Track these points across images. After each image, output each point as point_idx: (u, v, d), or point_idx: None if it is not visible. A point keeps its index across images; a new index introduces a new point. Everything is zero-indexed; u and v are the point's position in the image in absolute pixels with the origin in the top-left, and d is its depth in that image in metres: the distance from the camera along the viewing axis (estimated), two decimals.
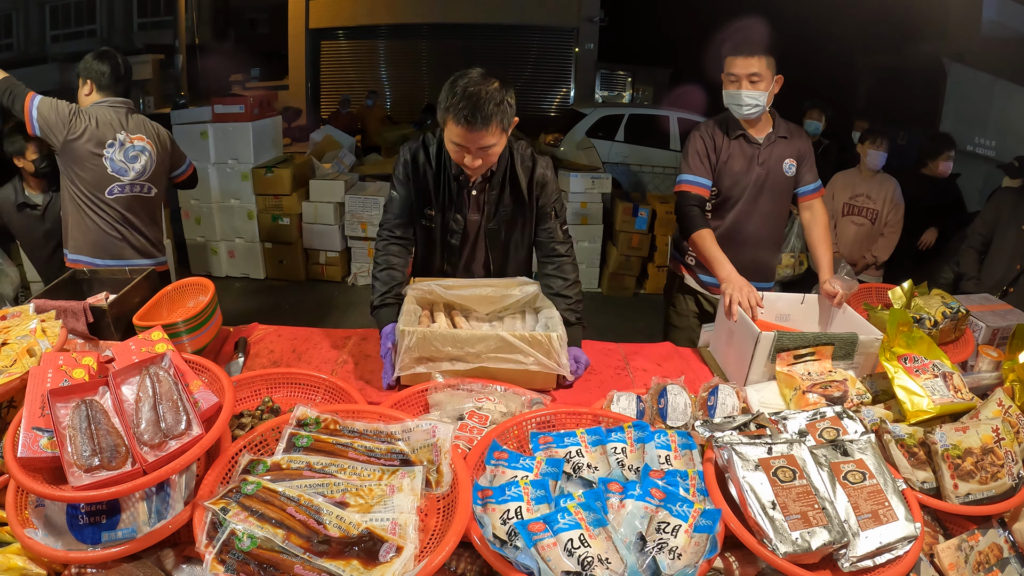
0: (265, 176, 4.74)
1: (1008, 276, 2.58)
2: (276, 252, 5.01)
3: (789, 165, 2.14)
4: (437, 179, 1.72)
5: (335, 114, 8.18)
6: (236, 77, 10.41)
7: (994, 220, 2.71)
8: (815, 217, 2.17)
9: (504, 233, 1.81)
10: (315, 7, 10.24)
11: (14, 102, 2.17)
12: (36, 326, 1.32)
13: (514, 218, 1.79)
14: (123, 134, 2.26)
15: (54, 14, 9.11)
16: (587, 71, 10.27)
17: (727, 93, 2.08)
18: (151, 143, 2.34)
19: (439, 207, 1.75)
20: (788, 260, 3.42)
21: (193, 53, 9.77)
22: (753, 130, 2.13)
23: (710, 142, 2.14)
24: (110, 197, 2.27)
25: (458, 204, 1.75)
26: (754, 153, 2.12)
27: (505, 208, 1.77)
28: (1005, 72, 5.65)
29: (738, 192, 2.15)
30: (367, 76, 10.65)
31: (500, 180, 1.73)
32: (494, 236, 1.81)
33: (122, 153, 2.27)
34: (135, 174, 2.30)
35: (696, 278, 2.31)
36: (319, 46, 10.63)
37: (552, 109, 10.25)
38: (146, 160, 2.33)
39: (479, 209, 1.77)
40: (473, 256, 1.88)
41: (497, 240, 1.82)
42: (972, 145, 5.84)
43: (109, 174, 2.25)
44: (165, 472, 0.95)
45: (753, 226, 2.18)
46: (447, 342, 1.48)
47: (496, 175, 1.72)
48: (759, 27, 2.13)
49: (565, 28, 10.05)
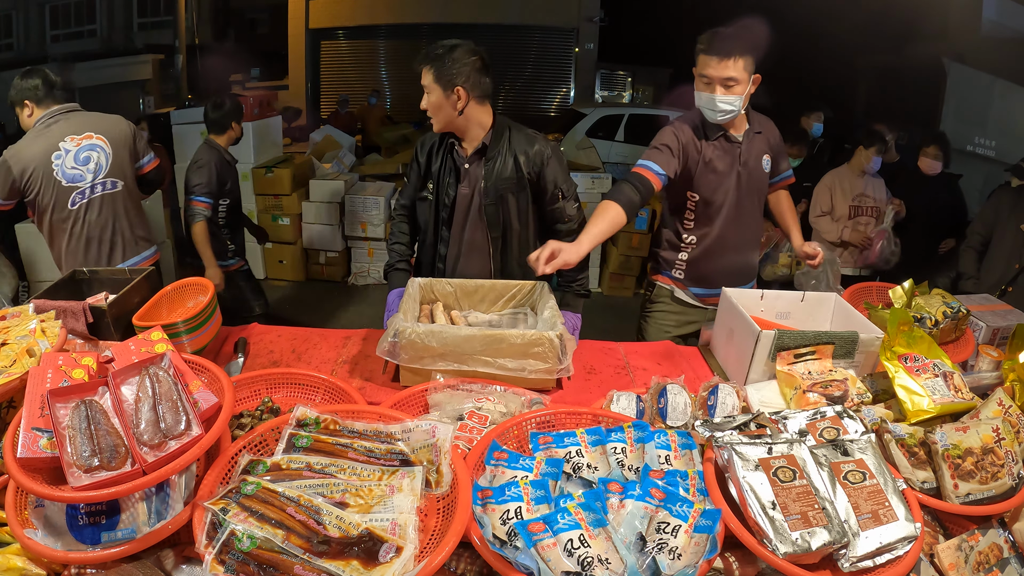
0: (265, 176, 4.74)
1: (1007, 275, 2.58)
2: (276, 252, 5.01)
3: (766, 161, 2.04)
4: (438, 154, 1.89)
5: (335, 114, 8.18)
6: (236, 77, 10.41)
7: (993, 219, 2.71)
8: (780, 197, 2.20)
9: (500, 213, 1.86)
10: (315, 7, 10.25)
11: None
12: (36, 326, 1.32)
13: (511, 193, 1.85)
14: (68, 140, 2.18)
15: (54, 14, 9.12)
16: (587, 71, 10.27)
17: (700, 95, 1.90)
18: (102, 138, 2.26)
19: (436, 181, 1.90)
20: (785, 260, 3.41)
21: (193, 53, 9.77)
22: (733, 129, 1.98)
23: (685, 142, 1.94)
24: (75, 208, 2.20)
25: (450, 176, 1.88)
26: (736, 152, 1.98)
27: (501, 182, 1.83)
28: (1005, 72, 5.65)
29: (721, 196, 2.01)
30: (367, 76, 10.66)
31: (495, 153, 1.84)
32: (492, 214, 1.87)
33: (72, 158, 2.19)
34: (91, 175, 2.23)
35: (686, 291, 2.17)
36: (319, 46, 10.64)
37: (552, 109, 10.25)
38: (98, 157, 2.24)
39: (471, 183, 1.87)
40: (471, 238, 1.91)
41: (495, 220, 1.88)
42: (972, 145, 5.84)
43: (65, 186, 2.18)
44: (165, 472, 0.95)
45: (739, 230, 2.08)
46: (444, 341, 1.47)
47: (490, 148, 1.84)
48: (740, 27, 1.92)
49: (565, 28, 10.05)
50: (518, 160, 1.83)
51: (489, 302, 1.81)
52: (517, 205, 1.87)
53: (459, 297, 1.81)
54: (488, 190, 1.84)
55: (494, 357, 1.47)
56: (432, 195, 1.90)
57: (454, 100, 1.76)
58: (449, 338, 1.47)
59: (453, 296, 1.81)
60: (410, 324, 1.48)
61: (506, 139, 1.84)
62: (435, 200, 1.90)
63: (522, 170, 1.83)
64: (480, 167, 1.85)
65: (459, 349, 1.48)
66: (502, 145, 1.84)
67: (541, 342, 1.47)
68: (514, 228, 1.89)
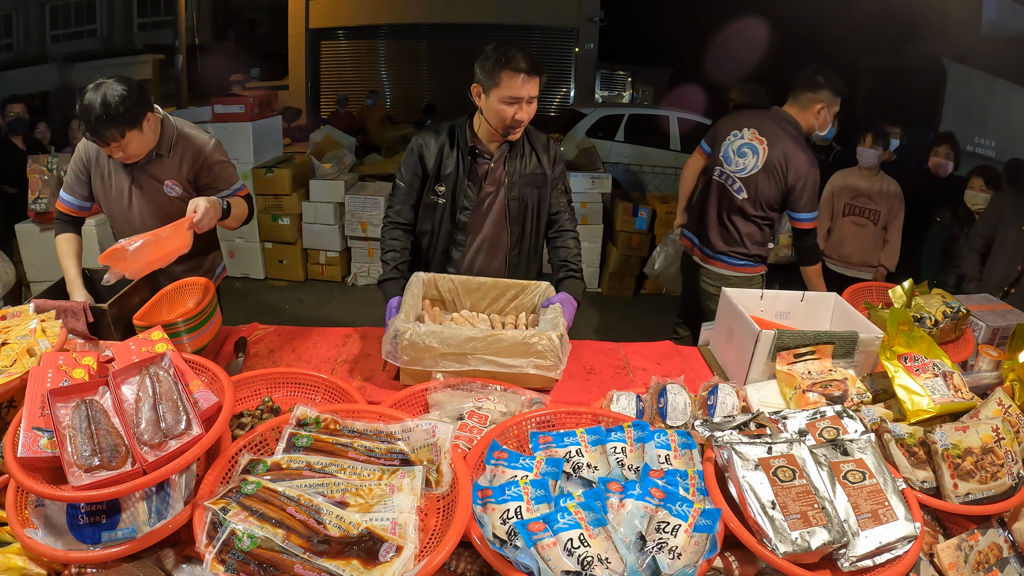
0: (265, 176, 4.74)
1: (1009, 277, 2.57)
2: (276, 252, 5.01)
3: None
4: (451, 156, 1.84)
5: (335, 114, 8.17)
6: (236, 77, 10.41)
7: (995, 221, 2.71)
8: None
9: (523, 209, 1.90)
10: (315, 7, 10.23)
11: None
12: (36, 326, 1.32)
13: (535, 188, 1.89)
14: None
15: (54, 14, 9.11)
16: (587, 71, 10.26)
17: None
18: None
19: (451, 183, 1.85)
20: (785, 240, 3.38)
21: (193, 53, 9.77)
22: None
23: None
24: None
25: (471, 177, 1.85)
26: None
27: (526, 178, 1.87)
28: (1005, 72, 5.66)
29: None
30: (367, 76, 10.64)
31: (520, 150, 1.87)
32: (515, 209, 1.89)
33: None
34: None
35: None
36: (319, 46, 10.62)
37: (552, 109, 10.22)
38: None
39: (496, 181, 1.88)
40: (491, 235, 1.93)
41: (517, 216, 1.90)
42: (972, 145, 5.84)
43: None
44: (165, 472, 0.95)
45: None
46: (444, 340, 1.47)
47: (515, 146, 1.86)
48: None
49: (565, 28, 10.04)
50: (540, 158, 1.89)
51: (491, 300, 1.81)
52: (539, 200, 1.91)
53: (461, 294, 1.81)
54: (513, 185, 1.87)
55: (495, 356, 1.47)
56: (445, 198, 1.86)
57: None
58: (450, 338, 1.47)
59: (455, 293, 1.81)
60: (411, 325, 1.48)
61: (525, 137, 1.88)
62: (450, 203, 1.87)
63: (544, 166, 1.89)
64: (503, 164, 1.87)
65: (460, 349, 1.48)
66: (523, 141, 1.87)
67: (542, 342, 1.46)
68: (532, 223, 1.93)
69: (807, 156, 2.35)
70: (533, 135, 1.90)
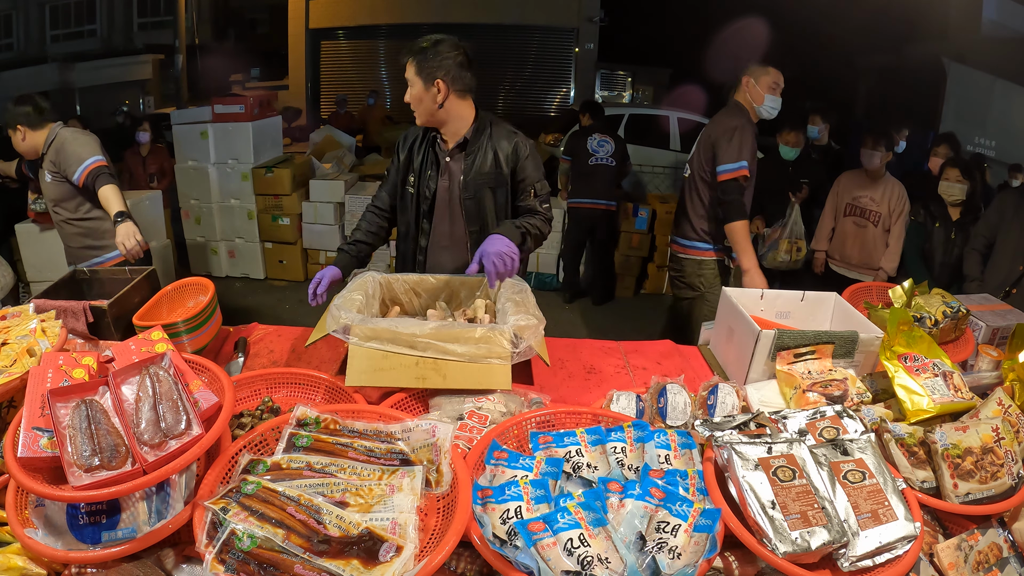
0: (265, 176, 4.74)
1: (1011, 277, 2.57)
2: (276, 252, 5.01)
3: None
4: (420, 147, 1.91)
5: (335, 114, 8.17)
6: (236, 77, 10.42)
7: (997, 222, 2.71)
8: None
9: (479, 207, 1.87)
10: (315, 7, 10.23)
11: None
12: (36, 326, 1.32)
13: (489, 188, 1.86)
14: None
15: (54, 14, 9.12)
16: (587, 71, 10.24)
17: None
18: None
19: (417, 174, 1.91)
20: (785, 246, 3.39)
21: (193, 53, 9.77)
22: None
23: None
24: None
25: (433, 170, 1.89)
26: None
27: (480, 176, 1.84)
28: (1005, 72, 5.66)
29: None
30: (367, 76, 10.63)
31: (475, 148, 1.85)
32: (471, 208, 1.87)
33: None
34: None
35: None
36: (319, 46, 10.62)
37: (552, 109, 10.22)
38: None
39: (450, 177, 1.88)
40: (450, 232, 1.92)
41: (474, 214, 1.88)
42: (972, 145, 5.84)
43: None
44: (165, 472, 0.95)
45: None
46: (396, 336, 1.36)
47: (471, 143, 1.85)
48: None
49: (565, 28, 10.03)
50: (498, 155, 1.85)
51: (445, 297, 1.76)
52: (495, 200, 1.88)
53: (417, 293, 1.75)
54: (467, 184, 1.85)
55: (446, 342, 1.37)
56: (414, 188, 1.91)
57: (434, 93, 1.79)
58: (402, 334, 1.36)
59: (412, 293, 1.75)
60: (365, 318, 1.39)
61: (487, 134, 1.86)
62: (416, 193, 1.91)
63: (501, 165, 1.85)
64: (460, 161, 1.87)
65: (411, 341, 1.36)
66: (483, 140, 1.85)
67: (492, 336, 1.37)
68: (492, 222, 1.88)
69: (733, 118, 2.53)
70: (496, 133, 1.86)
